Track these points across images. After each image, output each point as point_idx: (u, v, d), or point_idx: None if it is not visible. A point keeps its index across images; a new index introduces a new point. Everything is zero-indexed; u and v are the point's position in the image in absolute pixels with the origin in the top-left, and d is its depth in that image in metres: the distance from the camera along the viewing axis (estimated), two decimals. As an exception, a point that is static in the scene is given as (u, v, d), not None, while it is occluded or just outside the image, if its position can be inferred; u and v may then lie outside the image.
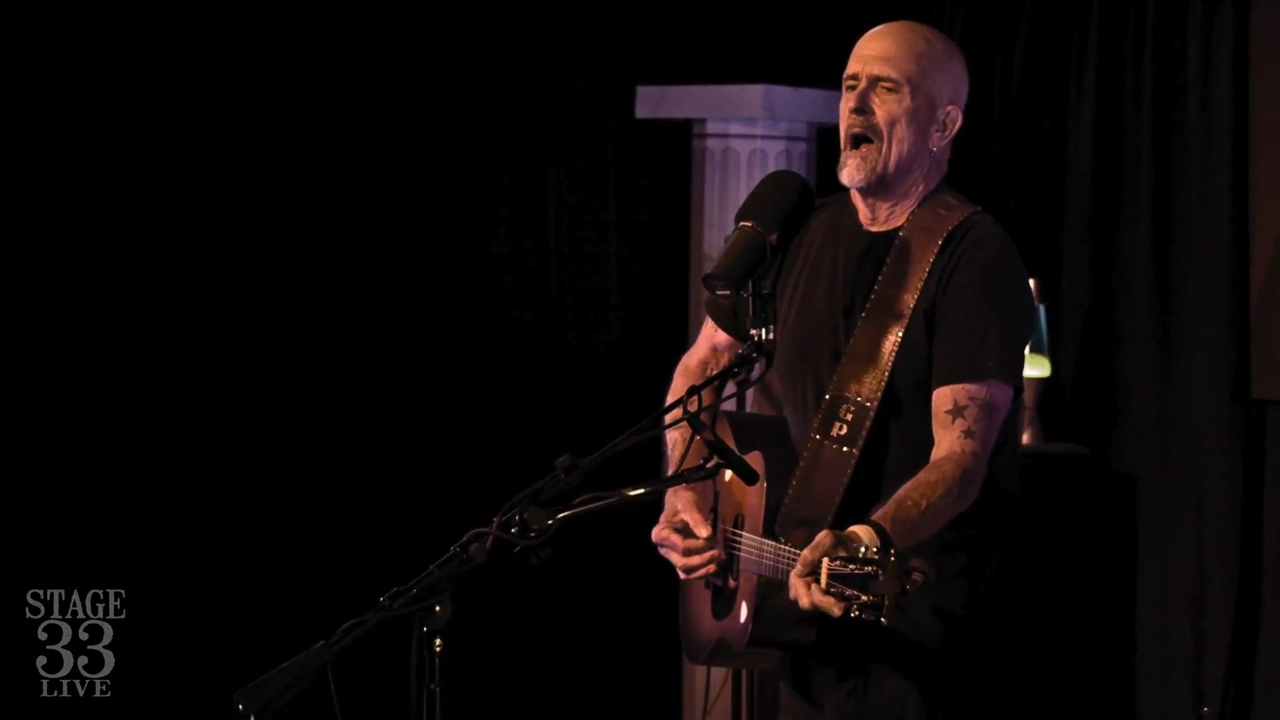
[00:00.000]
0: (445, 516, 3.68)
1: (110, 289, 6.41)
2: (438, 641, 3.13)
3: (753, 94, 6.44)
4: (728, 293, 3.57)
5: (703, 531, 3.88)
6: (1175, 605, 6.01)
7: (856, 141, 3.75)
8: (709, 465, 3.49)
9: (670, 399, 3.97)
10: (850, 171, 3.76)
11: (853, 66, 3.78)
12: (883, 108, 3.74)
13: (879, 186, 3.77)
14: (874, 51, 3.77)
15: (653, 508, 3.97)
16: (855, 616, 3.20)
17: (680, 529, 3.91)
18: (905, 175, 3.78)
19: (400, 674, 3.15)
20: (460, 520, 3.29)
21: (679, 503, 3.92)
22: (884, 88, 3.74)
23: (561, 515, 3.24)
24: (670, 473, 3.85)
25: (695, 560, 3.89)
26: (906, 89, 3.73)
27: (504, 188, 6.87)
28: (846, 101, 3.77)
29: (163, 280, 6.44)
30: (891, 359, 3.69)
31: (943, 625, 3.73)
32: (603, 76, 6.79)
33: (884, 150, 3.74)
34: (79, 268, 6.37)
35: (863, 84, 3.75)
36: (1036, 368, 6.00)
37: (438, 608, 3.12)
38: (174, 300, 6.45)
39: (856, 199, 3.84)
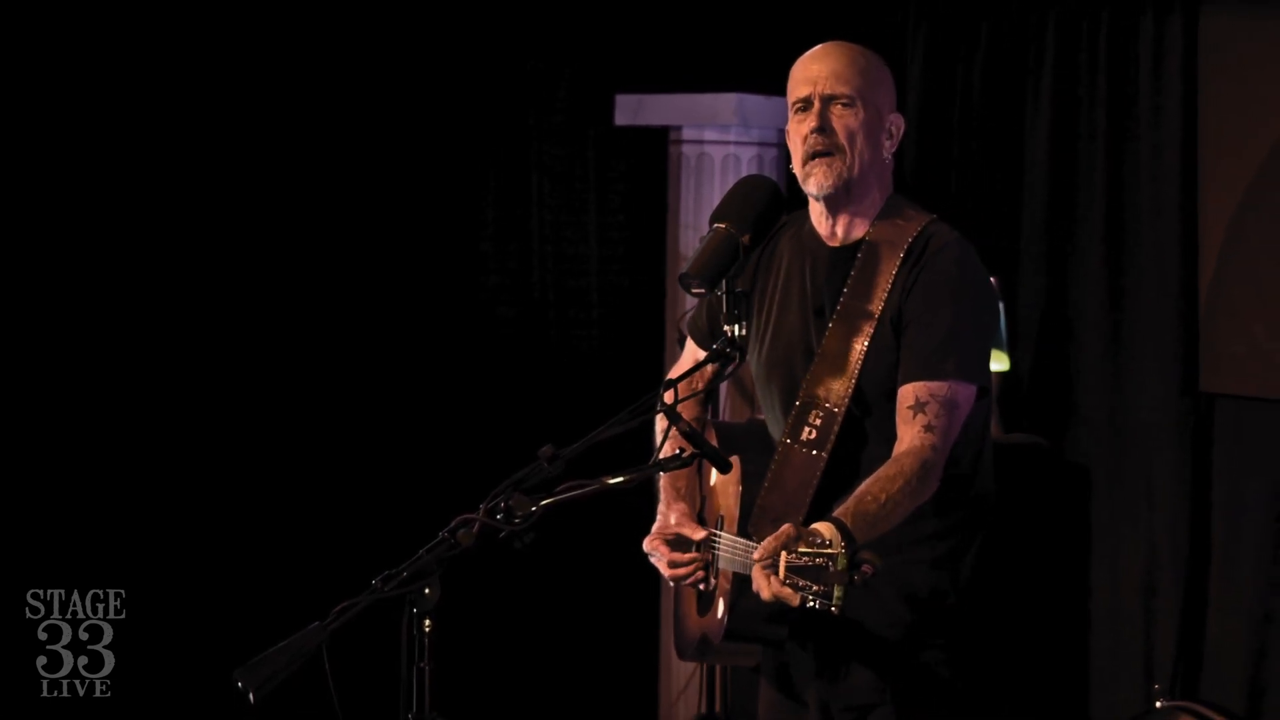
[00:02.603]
0: (434, 504, 3.68)
1: (109, 290, 6.34)
2: (427, 622, 3.14)
3: (726, 102, 6.45)
4: (703, 290, 3.58)
5: (697, 534, 3.89)
6: (1126, 588, 6.03)
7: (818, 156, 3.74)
8: (684, 455, 3.50)
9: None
10: (818, 180, 3.74)
11: (802, 89, 3.76)
12: (840, 122, 3.72)
13: (843, 195, 3.76)
14: (822, 71, 3.75)
15: (634, 505, 3.98)
16: (810, 606, 3.21)
17: (670, 540, 3.92)
18: (866, 184, 3.77)
19: (391, 653, 3.16)
20: (448, 507, 3.29)
21: (673, 516, 3.95)
22: (840, 104, 3.72)
23: (545, 502, 3.25)
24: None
25: (681, 571, 3.91)
26: (859, 103, 3.73)
27: (490, 191, 6.87)
28: (804, 122, 3.75)
29: (161, 282, 6.39)
30: (859, 365, 3.70)
31: (918, 613, 3.74)
32: (583, 86, 6.79)
33: (849, 160, 3.73)
34: (78, 268, 6.30)
35: (817, 104, 3.73)
36: (996, 362, 6.00)
37: (427, 590, 3.13)
38: (171, 301, 6.39)
39: (817, 215, 3.83)
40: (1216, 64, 5.80)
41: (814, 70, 3.76)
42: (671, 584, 3.96)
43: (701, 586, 3.94)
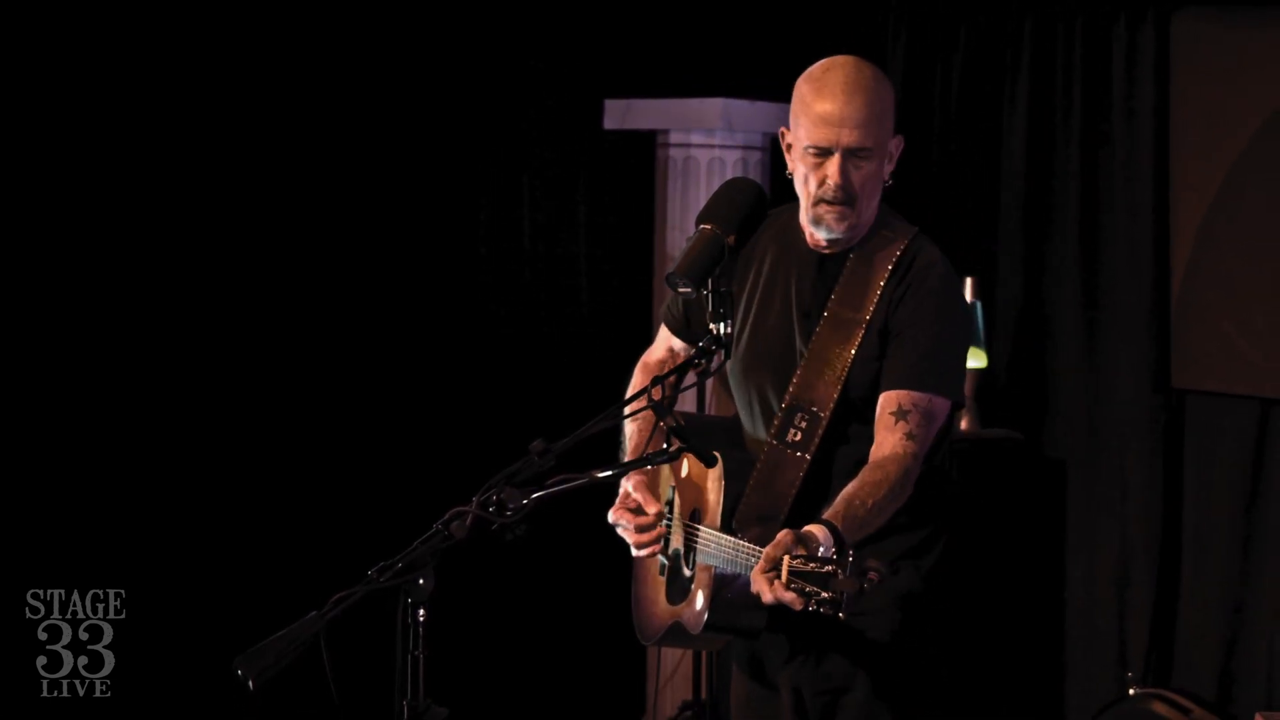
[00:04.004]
0: (429, 497, 3.69)
1: (108, 291, 6.26)
2: (421, 611, 3.15)
3: (712, 107, 6.46)
4: (689, 289, 3.58)
5: (651, 509, 3.90)
6: (1101, 579, 6.05)
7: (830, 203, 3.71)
8: (671, 449, 3.51)
9: (631, 392, 3.97)
10: (829, 225, 3.70)
11: (823, 135, 3.66)
12: (858, 175, 3.67)
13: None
14: (847, 120, 3.65)
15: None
16: (815, 611, 3.23)
17: (633, 509, 3.93)
18: (867, 215, 3.78)
19: (387, 641, 3.17)
20: (442, 500, 3.30)
21: (629, 485, 3.94)
22: (860, 158, 3.66)
23: (535, 495, 3.25)
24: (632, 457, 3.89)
25: (645, 537, 3.91)
26: (875, 152, 3.68)
27: (484, 194, 6.86)
28: (821, 168, 3.68)
29: (160, 283, 6.32)
30: (845, 372, 3.71)
31: (890, 601, 3.75)
32: (573, 91, 6.79)
33: (859, 208, 3.71)
34: (78, 268, 6.22)
35: (839, 158, 3.66)
36: (974, 360, 6.02)
37: (421, 580, 3.14)
38: (171, 302, 6.32)
39: (805, 223, 3.81)
40: (1188, 69, 5.82)
41: (837, 114, 3.65)
42: (636, 552, 3.97)
43: (663, 559, 3.95)
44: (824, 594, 3.20)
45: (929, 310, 3.70)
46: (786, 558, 3.25)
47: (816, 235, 3.77)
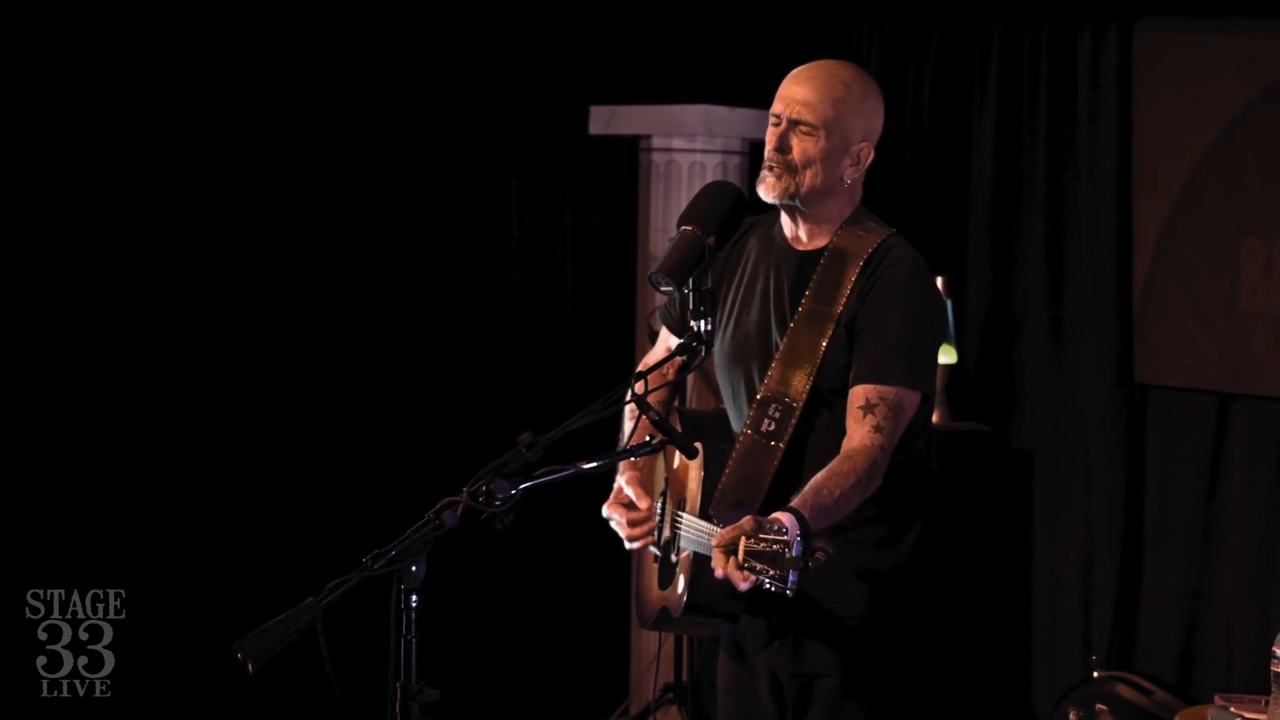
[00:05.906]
0: (421, 488, 3.70)
1: (107, 289, 6.20)
2: (414, 597, 3.16)
3: (694, 113, 6.47)
4: (671, 288, 3.61)
5: (643, 504, 3.92)
6: (1066, 567, 6.07)
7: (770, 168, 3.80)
8: (654, 442, 3.53)
9: (628, 395, 3.99)
10: (765, 189, 3.80)
11: (777, 105, 3.79)
12: (799, 146, 3.75)
13: (796, 207, 3.80)
14: (796, 95, 3.77)
15: (607, 488, 4.00)
16: (766, 589, 3.26)
17: (626, 504, 3.95)
18: (821, 201, 3.80)
19: (381, 626, 3.18)
20: (434, 490, 3.31)
21: (624, 480, 3.97)
22: (802, 130, 3.75)
23: (523, 486, 3.27)
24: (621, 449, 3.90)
25: (638, 531, 3.94)
26: (822, 132, 3.74)
27: (474, 198, 6.86)
28: (770, 135, 3.80)
29: (159, 282, 6.24)
30: (817, 364, 3.73)
31: (866, 589, 3.77)
32: (560, 98, 6.80)
33: (797, 179, 3.77)
34: (79, 267, 6.16)
35: (784, 125, 3.77)
36: (944, 355, 6.04)
37: (414, 567, 3.15)
38: (169, 302, 6.27)
39: (784, 220, 3.87)
40: (1150, 76, 5.84)
41: (790, 90, 3.79)
42: (628, 545, 3.99)
43: (655, 550, 3.97)
44: (772, 570, 3.23)
45: (894, 305, 3.72)
46: (743, 539, 3.27)
47: (759, 189, 3.83)
